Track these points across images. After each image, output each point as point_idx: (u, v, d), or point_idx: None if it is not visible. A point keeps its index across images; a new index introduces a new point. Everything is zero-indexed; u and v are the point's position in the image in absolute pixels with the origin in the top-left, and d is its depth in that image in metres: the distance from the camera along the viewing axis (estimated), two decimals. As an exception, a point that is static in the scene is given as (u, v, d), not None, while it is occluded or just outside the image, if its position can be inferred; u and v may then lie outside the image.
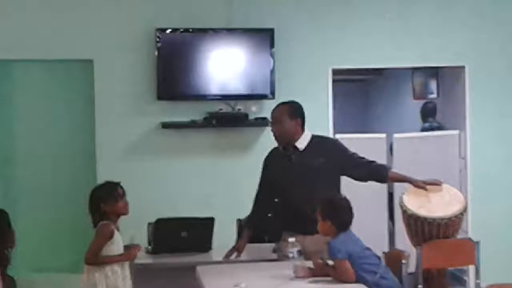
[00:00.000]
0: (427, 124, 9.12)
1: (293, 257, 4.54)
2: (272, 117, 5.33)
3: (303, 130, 5.27)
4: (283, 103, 5.41)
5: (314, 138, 5.28)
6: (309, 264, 4.56)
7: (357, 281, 4.35)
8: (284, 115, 5.22)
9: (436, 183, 5.19)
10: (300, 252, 4.55)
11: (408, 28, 7.65)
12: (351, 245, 4.45)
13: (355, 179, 5.26)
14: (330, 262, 4.53)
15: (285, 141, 5.23)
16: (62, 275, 7.21)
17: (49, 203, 7.51)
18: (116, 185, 5.02)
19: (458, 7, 7.71)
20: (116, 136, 7.26)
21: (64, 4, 7.23)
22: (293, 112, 5.25)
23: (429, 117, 9.17)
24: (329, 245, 4.47)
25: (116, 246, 4.89)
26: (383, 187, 7.13)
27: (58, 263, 7.37)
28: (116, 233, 4.89)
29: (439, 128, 8.72)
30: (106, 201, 4.93)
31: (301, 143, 5.22)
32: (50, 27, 7.20)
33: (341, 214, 4.55)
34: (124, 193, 5.01)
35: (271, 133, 5.35)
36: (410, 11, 7.66)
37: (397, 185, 7.11)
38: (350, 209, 4.59)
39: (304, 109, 5.36)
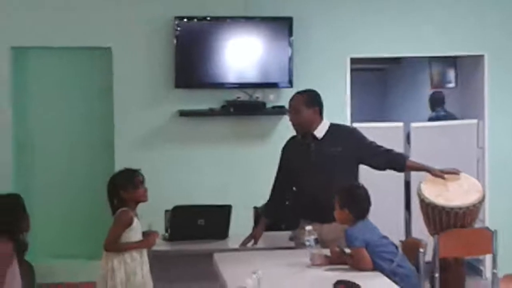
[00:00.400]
0: (434, 114, 9.08)
1: (310, 245, 4.54)
2: (290, 106, 5.30)
3: (321, 118, 5.25)
4: (300, 92, 5.39)
5: (332, 126, 5.26)
6: (326, 252, 4.56)
7: (374, 269, 4.35)
8: (302, 104, 5.20)
9: (454, 172, 5.17)
10: (317, 240, 4.55)
11: (427, 17, 7.62)
12: (368, 234, 4.45)
13: (373, 167, 5.25)
14: (347, 250, 4.53)
15: (303, 130, 5.22)
16: (80, 261, 7.28)
17: (66, 191, 7.56)
18: (136, 172, 5.02)
19: (477, -4, 7.68)
20: (134, 124, 7.29)
21: (83, -9, 7.27)
22: (310, 101, 5.23)
23: (437, 106, 9.12)
24: (347, 233, 4.47)
25: (135, 233, 4.90)
26: (400, 176, 7.10)
27: (76, 250, 7.43)
28: (135, 220, 4.90)
29: (446, 117, 8.67)
30: (126, 188, 4.92)
31: (320, 131, 5.20)
32: (69, 15, 7.23)
33: (358, 203, 4.55)
34: (143, 180, 5.00)
35: (289, 122, 5.33)
36: (429, 0, 7.62)
37: (414, 174, 7.09)
38: (367, 197, 4.59)
39: (321, 98, 5.33)
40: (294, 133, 5.40)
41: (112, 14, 7.27)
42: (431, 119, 8.95)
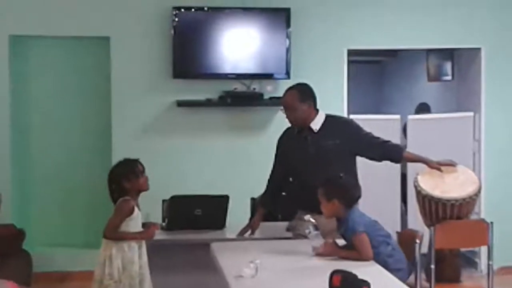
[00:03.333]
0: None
1: (309, 233, 4.55)
2: (283, 104, 5.24)
3: (316, 111, 5.24)
4: (292, 87, 5.31)
5: (328, 118, 5.25)
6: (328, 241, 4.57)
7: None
8: (295, 101, 5.16)
9: (451, 164, 5.19)
10: (316, 227, 4.56)
11: (424, 10, 7.63)
12: (365, 217, 4.48)
13: (370, 159, 5.25)
14: (341, 242, 4.54)
15: (300, 125, 5.21)
16: (77, 250, 7.31)
17: (64, 179, 7.57)
18: (136, 161, 5.05)
19: (475, -11, 7.69)
20: (132, 114, 7.31)
21: (82, -19, 7.27)
22: (303, 96, 5.19)
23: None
24: (347, 220, 4.47)
25: (135, 223, 4.91)
26: (396, 168, 7.14)
27: (73, 239, 7.46)
28: (136, 210, 4.91)
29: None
30: (128, 178, 4.93)
31: (316, 124, 5.19)
32: (68, 4, 7.24)
33: (347, 191, 4.55)
34: (144, 169, 5.03)
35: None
36: (427, -8, 7.65)
37: (410, 166, 7.13)
38: (354, 185, 4.60)
39: (314, 89, 5.27)
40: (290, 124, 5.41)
41: (110, 4, 7.28)
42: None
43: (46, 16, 7.21)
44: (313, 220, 4.59)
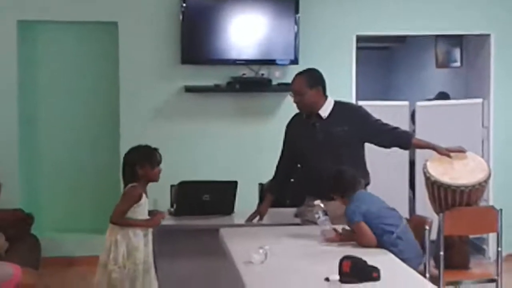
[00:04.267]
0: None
1: (319, 218, 4.55)
2: (292, 89, 5.22)
3: (325, 97, 5.22)
4: (301, 73, 5.27)
5: (337, 104, 5.23)
6: (336, 227, 4.57)
7: (378, 243, 4.36)
8: (304, 86, 5.13)
9: (461, 151, 5.16)
10: (325, 213, 4.55)
11: (433, -5, 7.61)
12: (364, 206, 4.45)
13: (379, 145, 5.23)
14: (345, 228, 4.54)
15: (309, 111, 5.19)
16: (85, 235, 7.32)
17: (72, 165, 7.59)
18: (155, 150, 5.02)
19: (484, -26, 7.65)
20: (140, 99, 7.31)
21: (90, -35, 7.25)
22: (312, 82, 5.15)
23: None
24: (346, 209, 4.49)
25: (142, 209, 4.90)
26: (405, 155, 7.12)
27: (81, 224, 7.48)
28: (144, 197, 4.90)
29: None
30: (143, 165, 4.90)
31: (325, 110, 5.16)
32: (75, -11, 7.23)
33: (340, 184, 4.59)
34: (161, 161, 5.02)
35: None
36: (436, -22, 7.62)
37: (418, 153, 7.11)
38: (348, 175, 4.60)
39: (323, 75, 5.24)
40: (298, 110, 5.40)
41: (119, -12, 7.27)
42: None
43: (53, 1, 7.20)
44: (322, 205, 4.58)
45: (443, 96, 9.04)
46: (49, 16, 7.23)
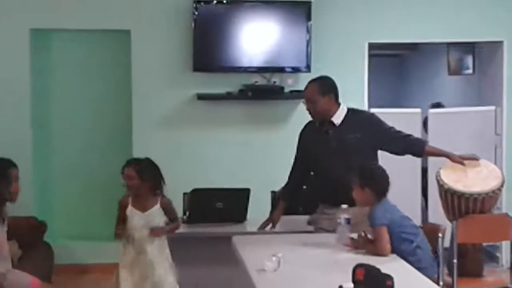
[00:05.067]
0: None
1: (340, 223, 4.54)
2: (305, 96, 5.23)
3: (338, 104, 5.22)
4: (313, 80, 5.29)
5: (350, 111, 5.23)
6: (354, 235, 4.56)
7: (392, 251, 4.35)
8: (316, 94, 5.14)
9: (474, 158, 5.15)
10: (348, 220, 4.55)
11: (445, 3, 7.59)
12: (389, 214, 4.47)
13: (392, 153, 5.23)
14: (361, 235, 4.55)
15: (321, 118, 5.19)
16: (98, 242, 7.32)
17: (85, 172, 7.60)
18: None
19: (497, -19, 7.64)
20: (152, 107, 7.32)
21: (102, -26, 7.28)
22: (324, 89, 5.16)
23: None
24: (372, 211, 4.47)
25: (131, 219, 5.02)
26: (417, 162, 7.10)
27: (94, 231, 7.47)
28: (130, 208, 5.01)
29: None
30: None
31: (337, 118, 5.17)
32: (88, -3, 7.25)
33: (379, 181, 4.56)
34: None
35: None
36: (448, -15, 7.61)
37: (431, 160, 7.10)
38: (387, 176, 4.60)
39: (335, 83, 5.25)
40: (310, 118, 5.39)
41: (131, -3, 7.30)
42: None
43: (66, 9, 7.23)
44: (347, 211, 4.59)
45: (437, 106, 8.99)
46: (61, 24, 7.26)
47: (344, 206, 4.65)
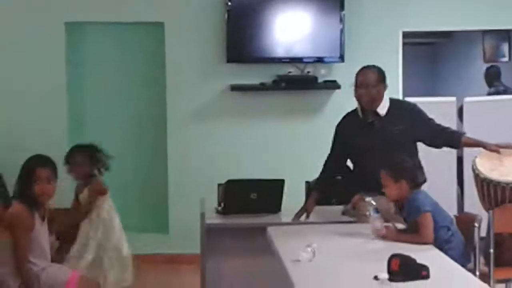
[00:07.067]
0: (492, 89, 8.97)
1: (370, 215, 4.52)
2: (366, 82, 5.11)
3: None
4: (370, 67, 5.22)
5: (393, 102, 5.20)
6: (388, 224, 4.54)
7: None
8: (378, 80, 5.12)
9: (510, 146, 5.11)
10: (376, 210, 4.52)
11: (481, -10, 7.52)
12: (429, 200, 4.45)
13: (430, 145, 5.21)
14: (400, 226, 4.52)
15: (375, 106, 5.13)
16: (132, 234, 7.34)
17: (120, 166, 7.60)
18: None
19: (533, -33, 7.53)
20: (186, 98, 7.35)
21: (135, -34, 7.31)
22: (382, 77, 5.16)
23: (494, 81, 9.00)
24: (413, 199, 4.43)
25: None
26: (452, 152, 7.04)
27: (129, 225, 7.47)
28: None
29: (506, 92, 8.55)
30: None
31: (382, 108, 5.12)
32: (122, -10, 7.29)
33: (414, 172, 4.54)
34: None
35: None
36: (483, -28, 7.52)
37: (466, 150, 7.01)
38: (420, 167, 4.58)
39: None
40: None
41: (165, -11, 7.32)
42: (490, 94, 8.84)
43: (100, 2, 7.29)
44: (374, 202, 4.56)
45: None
46: (95, 17, 7.31)
47: (368, 198, 4.61)
